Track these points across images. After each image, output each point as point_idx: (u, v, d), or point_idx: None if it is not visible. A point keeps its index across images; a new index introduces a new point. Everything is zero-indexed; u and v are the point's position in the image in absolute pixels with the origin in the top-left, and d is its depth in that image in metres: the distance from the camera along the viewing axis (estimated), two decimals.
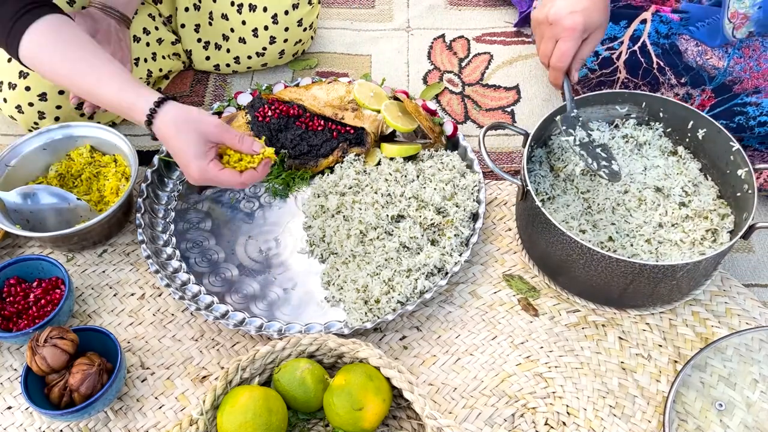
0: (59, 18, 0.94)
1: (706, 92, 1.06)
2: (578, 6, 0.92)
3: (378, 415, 0.85)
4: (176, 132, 0.90)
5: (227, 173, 0.92)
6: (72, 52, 0.92)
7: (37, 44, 0.92)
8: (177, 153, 0.92)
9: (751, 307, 1.01)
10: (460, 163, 1.14)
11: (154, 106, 0.90)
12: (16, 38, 0.92)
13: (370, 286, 0.99)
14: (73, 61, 0.92)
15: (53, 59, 0.92)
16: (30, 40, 0.92)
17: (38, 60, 0.93)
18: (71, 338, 0.90)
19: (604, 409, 0.93)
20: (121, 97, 0.92)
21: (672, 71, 1.07)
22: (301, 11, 1.30)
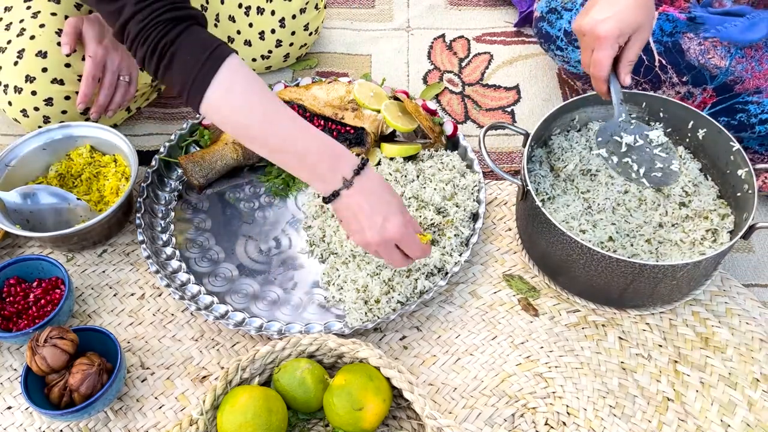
0: (239, 62, 0.87)
1: (708, 91, 1.06)
2: (610, 12, 0.89)
3: (378, 415, 0.85)
4: (386, 182, 0.90)
5: (417, 238, 0.90)
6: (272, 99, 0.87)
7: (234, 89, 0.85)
8: (389, 199, 0.89)
9: (751, 307, 1.01)
10: (460, 163, 1.14)
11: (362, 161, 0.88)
12: (207, 78, 0.84)
13: (370, 286, 0.99)
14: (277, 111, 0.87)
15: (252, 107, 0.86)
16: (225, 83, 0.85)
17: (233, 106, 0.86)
18: (71, 338, 0.90)
19: (604, 409, 0.93)
20: (330, 143, 0.87)
21: (674, 69, 1.07)
22: (308, 16, 1.30)
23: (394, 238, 0.88)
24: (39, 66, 1.12)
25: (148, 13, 0.85)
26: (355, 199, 0.87)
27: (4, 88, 1.13)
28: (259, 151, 0.90)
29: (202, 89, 0.85)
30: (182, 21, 0.86)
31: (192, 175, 1.15)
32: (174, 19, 0.85)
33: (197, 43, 0.85)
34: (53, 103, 1.14)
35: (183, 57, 0.85)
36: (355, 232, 0.89)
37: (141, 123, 1.30)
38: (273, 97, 0.88)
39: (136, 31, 0.85)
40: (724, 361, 0.96)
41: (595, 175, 1.06)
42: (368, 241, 0.89)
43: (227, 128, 0.89)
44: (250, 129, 0.87)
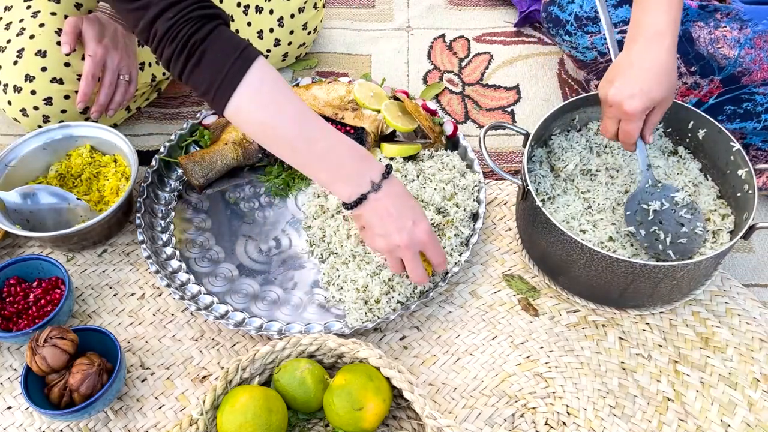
0: (267, 64, 0.86)
1: (714, 82, 1.06)
2: (637, 87, 0.89)
3: (378, 415, 0.85)
4: (407, 190, 0.90)
5: (440, 248, 0.91)
6: (299, 103, 0.87)
7: (263, 91, 0.84)
8: (414, 204, 0.90)
9: (751, 307, 1.01)
10: (460, 163, 1.14)
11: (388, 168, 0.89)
12: (236, 78, 0.83)
13: (370, 286, 0.99)
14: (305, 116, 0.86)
15: (281, 112, 0.85)
16: (255, 85, 0.84)
17: (260, 108, 0.85)
18: (71, 338, 0.90)
19: (604, 409, 0.93)
20: (358, 147, 0.88)
21: (682, 59, 1.06)
22: (307, 15, 1.30)
23: (422, 240, 0.88)
24: (38, 65, 1.12)
25: (178, 11, 0.83)
26: (383, 203, 0.86)
27: (4, 88, 1.13)
28: (283, 154, 0.89)
29: (231, 88, 0.84)
30: (212, 19, 0.85)
31: (192, 175, 1.15)
32: (204, 17, 0.84)
33: (227, 43, 0.84)
34: (53, 102, 1.13)
35: (213, 55, 0.83)
36: (381, 236, 0.88)
37: (141, 123, 1.30)
38: (300, 100, 0.88)
39: (165, 28, 0.84)
40: (724, 361, 0.96)
41: (595, 175, 1.06)
42: (396, 244, 0.88)
43: (252, 129, 0.87)
44: (278, 129, 0.86)
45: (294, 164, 0.90)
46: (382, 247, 0.90)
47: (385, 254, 0.92)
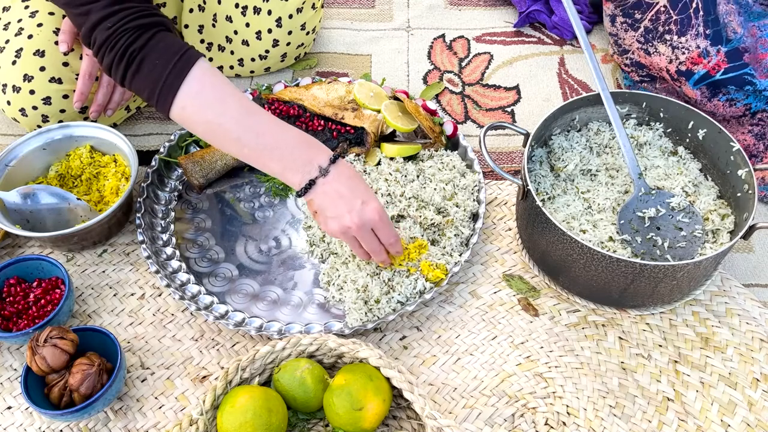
0: (208, 65, 0.89)
1: (721, 54, 1.08)
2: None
3: (378, 415, 0.85)
4: (357, 171, 0.92)
5: (392, 229, 0.93)
6: (243, 100, 0.89)
7: (203, 91, 0.87)
8: (364, 185, 0.91)
9: (751, 307, 1.01)
10: (460, 163, 1.14)
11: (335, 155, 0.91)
12: (176, 82, 0.86)
13: (370, 286, 0.99)
14: (248, 111, 0.89)
15: (225, 108, 0.87)
16: (194, 86, 0.86)
17: (202, 108, 0.88)
18: (71, 338, 0.90)
19: (604, 409, 0.93)
20: (305, 136, 0.90)
21: (704, 18, 1.08)
22: (305, 15, 1.30)
23: (373, 219, 0.90)
24: (37, 65, 1.12)
25: (116, 21, 0.86)
26: (333, 186, 0.89)
27: (3, 88, 1.13)
28: (232, 149, 0.91)
29: (173, 92, 0.87)
30: (150, 28, 0.88)
31: (192, 175, 1.15)
32: (142, 26, 0.87)
33: (166, 49, 0.87)
34: (51, 101, 1.14)
35: (151, 63, 0.86)
36: (332, 218, 0.90)
37: (141, 123, 1.30)
38: (244, 96, 0.90)
39: (104, 37, 0.87)
40: (724, 361, 0.96)
41: (595, 175, 1.06)
42: (347, 225, 0.90)
43: (199, 128, 0.90)
44: (223, 126, 0.88)
45: (244, 159, 0.92)
46: (335, 230, 0.91)
47: (339, 237, 0.93)
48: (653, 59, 1.18)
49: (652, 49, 1.17)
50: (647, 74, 1.23)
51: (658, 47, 1.16)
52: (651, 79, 1.23)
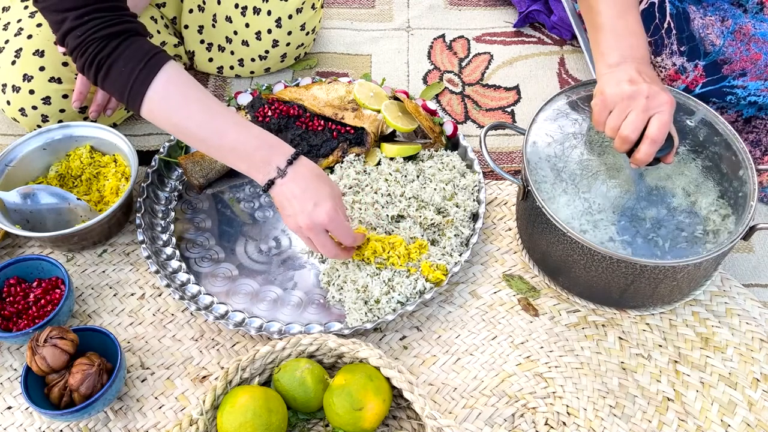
0: (179, 65, 0.94)
1: (698, 69, 1.08)
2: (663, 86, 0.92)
3: (378, 415, 0.85)
4: (321, 172, 0.94)
5: (348, 225, 0.94)
6: (206, 102, 0.93)
7: (168, 93, 0.92)
8: (320, 186, 0.93)
9: (751, 307, 1.01)
10: (460, 163, 1.14)
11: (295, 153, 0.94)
12: (143, 87, 0.91)
13: (370, 286, 0.99)
14: (210, 113, 0.92)
15: (189, 110, 0.92)
16: (159, 89, 0.91)
17: (168, 110, 0.92)
18: (71, 338, 0.90)
19: (604, 409, 0.93)
20: (265, 136, 0.93)
21: (677, 36, 1.08)
22: (305, 15, 1.30)
23: (323, 222, 0.92)
24: (36, 65, 1.12)
25: (85, 30, 0.90)
26: (289, 187, 0.92)
27: (2, 87, 1.14)
28: (201, 149, 0.96)
29: (139, 97, 0.91)
30: (118, 36, 0.91)
31: (192, 175, 1.15)
32: (110, 35, 0.91)
33: (133, 54, 0.91)
34: (51, 101, 1.14)
35: (119, 68, 0.91)
36: (288, 217, 0.94)
37: (141, 123, 1.30)
38: (209, 97, 0.94)
39: (74, 45, 0.91)
40: (724, 361, 0.96)
41: (596, 175, 1.06)
42: (299, 225, 0.92)
43: (168, 130, 0.95)
44: (189, 129, 0.93)
45: (213, 157, 0.97)
46: (292, 227, 0.94)
47: (297, 234, 0.95)
48: None
49: None
50: None
51: None
52: None
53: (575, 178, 1.06)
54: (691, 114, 1.03)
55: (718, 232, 0.98)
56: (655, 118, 0.88)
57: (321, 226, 0.92)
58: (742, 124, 1.15)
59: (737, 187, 0.98)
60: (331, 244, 0.94)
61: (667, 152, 0.92)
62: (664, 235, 0.94)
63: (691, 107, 1.04)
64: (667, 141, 0.92)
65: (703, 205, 1.00)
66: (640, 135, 0.89)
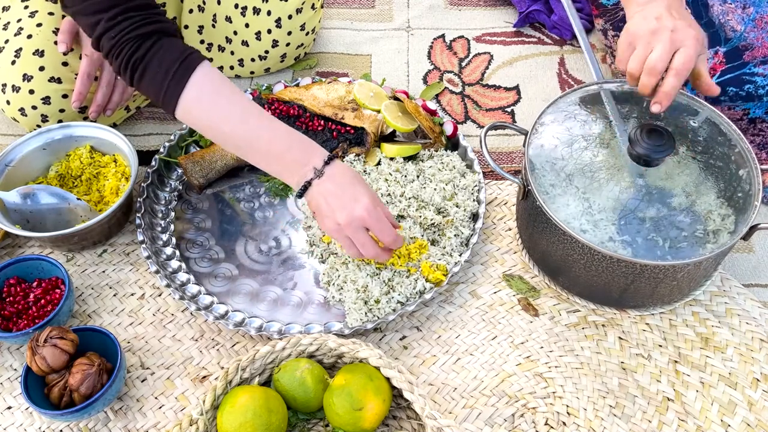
0: (211, 66, 0.93)
1: (719, 55, 1.07)
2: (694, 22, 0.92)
3: (378, 415, 0.85)
4: (356, 172, 0.94)
5: (388, 223, 0.93)
6: (241, 104, 0.92)
7: (203, 95, 0.91)
8: (358, 184, 0.92)
9: (751, 307, 1.01)
10: (461, 163, 1.14)
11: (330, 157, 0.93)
12: (177, 88, 0.90)
13: (370, 286, 0.99)
14: (245, 116, 0.92)
15: (222, 113, 0.92)
16: (194, 92, 0.91)
17: (203, 112, 0.92)
18: (71, 338, 0.90)
19: (604, 409, 0.93)
20: (301, 138, 0.93)
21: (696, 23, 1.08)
22: (305, 15, 1.30)
23: (363, 217, 0.90)
24: (36, 65, 1.12)
25: (118, 31, 0.90)
26: (326, 186, 0.91)
27: (2, 87, 1.13)
28: (234, 151, 0.97)
29: (174, 98, 0.91)
30: (152, 36, 0.91)
31: (192, 175, 1.15)
32: (143, 35, 0.91)
33: (167, 55, 0.91)
34: (51, 101, 1.14)
35: (154, 70, 0.91)
36: (326, 218, 0.92)
37: (141, 123, 1.30)
38: (243, 98, 0.93)
39: (108, 47, 0.91)
40: (724, 361, 0.96)
41: (596, 175, 1.06)
42: (338, 223, 0.91)
43: (202, 131, 0.95)
44: (223, 129, 0.92)
45: (248, 161, 0.96)
46: (329, 228, 0.93)
47: (334, 235, 0.94)
48: None
49: None
50: None
51: None
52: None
53: (575, 178, 1.06)
54: (695, 114, 1.03)
55: (718, 232, 0.98)
56: (680, 52, 0.88)
57: (361, 221, 0.90)
58: (746, 123, 1.14)
59: (738, 186, 0.98)
60: (371, 243, 0.92)
61: (667, 153, 0.92)
62: (664, 235, 0.94)
63: (695, 107, 1.04)
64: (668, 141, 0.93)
65: (703, 205, 1.00)
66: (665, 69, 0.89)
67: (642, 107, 1.07)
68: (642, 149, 0.94)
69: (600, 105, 1.06)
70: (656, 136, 0.93)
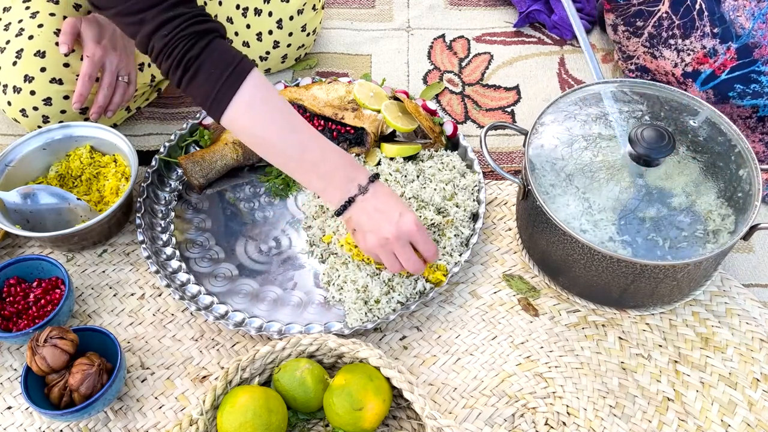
0: (261, 77, 0.90)
1: (731, 51, 1.09)
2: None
3: (378, 415, 0.85)
4: (394, 192, 0.94)
5: (429, 238, 0.93)
6: (290, 115, 0.91)
7: (254, 105, 0.89)
8: (399, 201, 0.92)
9: (751, 307, 1.01)
10: (461, 163, 1.14)
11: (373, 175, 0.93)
12: (229, 93, 0.88)
13: (370, 286, 0.99)
14: (294, 129, 0.91)
15: (272, 124, 0.90)
16: (245, 100, 0.88)
17: (253, 123, 0.89)
18: (71, 338, 0.90)
19: (604, 409, 0.93)
20: (346, 156, 0.92)
21: (709, 18, 1.09)
22: (306, 17, 1.30)
23: (411, 230, 0.91)
24: (38, 66, 1.12)
25: (172, 28, 0.86)
26: (371, 203, 0.91)
27: (3, 88, 1.13)
28: (276, 162, 0.94)
29: (224, 103, 0.88)
30: (206, 35, 0.88)
31: (192, 175, 1.15)
32: (197, 33, 0.87)
33: (221, 58, 0.88)
34: (52, 102, 1.13)
35: (207, 71, 0.87)
36: (369, 233, 0.92)
37: (141, 123, 1.30)
38: (291, 110, 0.92)
39: (161, 45, 0.87)
40: (725, 361, 0.96)
41: (596, 174, 1.06)
42: (386, 236, 0.90)
43: (246, 139, 0.92)
44: (270, 141, 0.91)
45: (288, 173, 0.95)
46: (374, 244, 0.92)
47: (377, 250, 0.93)
48: (659, 63, 1.18)
49: (658, 53, 1.17)
50: (652, 78, 1.23)
51: (663, 52, 1.17)
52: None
53: (575, 178, 1.06)
54: (695, 114, 1.03)
55: (718, 232, 0.98)
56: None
57: (408, 234, 0.91)
58: (755, 121, 1.14)
59: (738, 186, 0.98)
60: (416, 257, 0.93)
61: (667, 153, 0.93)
62: (664, 235, 0.94)
63: (695, 107, 1.04)
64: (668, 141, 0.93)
65: (703, 205, 1.00)
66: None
67: (642, 107, 1.07)
68: (642, 149, 0.94)
69: (600, 105, 1.06)
70: (656, 136, 0.93)
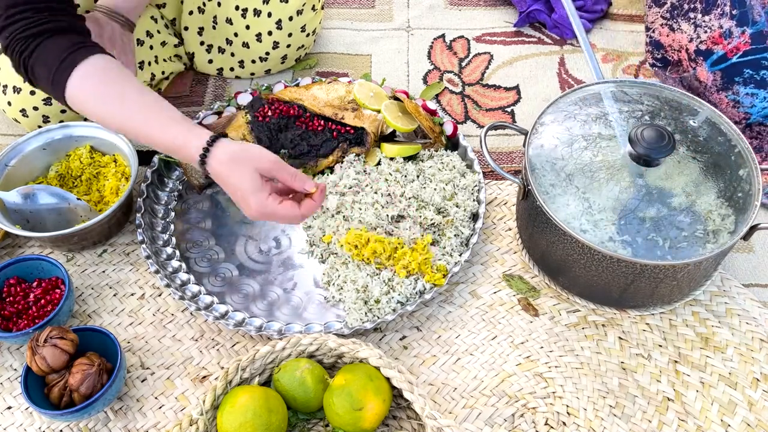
0: (104, 58, 0.93)
1: (745, 35, 1.09)
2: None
3: (378, 415, 0.85)
4: (232, 168, 0.87)
5: (287, 205, 0.87)
6: (121, 93, 0.91)
7: (85, 87, 0.91)
8: (234, 189, 0.88)
9: (751, 307, 1.01)
10: (461, 163, 1.14)
11: (207, 145, 0.87)
12: (61, 82, 0.91)
13: (370, 286, 0.99)
14: (122, 103, 0.91)
15: (103, 102, 0.91)
16: (76, 83, 0.91)
17: (85, 103, 0.92)
18: (71, 338, 0.90)
19: (604, 409, 0.93)
20: (175, 135, 0.89)
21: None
22: (305, 17, 1.30)
23: (257, 217, 0.87)
24: None
25: (10, 32, 0.92)
26: (219, 179, 0.89)
27: (3, 88, 1.13)
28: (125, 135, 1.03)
29: (60, 97, 0.92)
30: (38, 36, 0.92)
31: (192, 175, 1.15)
32: (30, 36, 0.92)
33: (50, 55, 0.92)
34: (52, 102, 1.14)
35: (40, 69, 0.93)
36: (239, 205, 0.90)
37: None
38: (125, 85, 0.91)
39: (3, 46, 0.94)
40: (724, 361, 0.96)
41: (596, 174, 1.06)
42: (252, 216, 0.88)
43: (92, 119, 0.95)
44: (107, 119, 0.93)
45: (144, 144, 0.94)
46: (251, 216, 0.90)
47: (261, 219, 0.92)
48: (675, 36, 1.17)
49: (676, 25, 1.17)
50: (662, 57, 1.22)
51: (681, 24, 1.16)
52: (663, 64, 1.23)
53: (575, 178, 1.06)
54: (695, 114, 1.03)
55: (718, 232, 0.98)
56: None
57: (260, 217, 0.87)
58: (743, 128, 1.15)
59: (738, 186, 0.98)
60: (288, 214, 0.87)
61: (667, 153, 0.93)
62: (664, 234, 0.94)
63: (695, 107, 1.04)
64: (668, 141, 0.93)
65: (703, 205, 1.00)
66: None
67: (642, 107, 1.07)
68: (642, 149, 0.94)
69: (600, 105, 1.06)
70: (656, 136, 0.93)
